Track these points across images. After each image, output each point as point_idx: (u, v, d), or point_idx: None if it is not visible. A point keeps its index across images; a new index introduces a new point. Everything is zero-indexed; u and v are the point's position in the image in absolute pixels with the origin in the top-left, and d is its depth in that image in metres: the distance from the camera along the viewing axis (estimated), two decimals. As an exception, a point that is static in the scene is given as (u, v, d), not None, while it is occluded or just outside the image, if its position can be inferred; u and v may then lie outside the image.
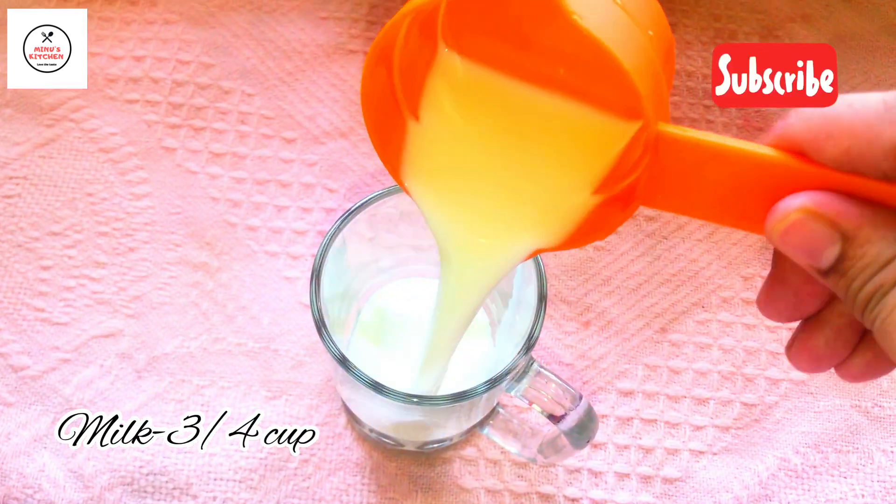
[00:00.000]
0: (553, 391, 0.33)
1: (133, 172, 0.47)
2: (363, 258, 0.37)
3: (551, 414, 0.33)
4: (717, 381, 0.44)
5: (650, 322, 0.45)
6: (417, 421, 0.35)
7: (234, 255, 0.45)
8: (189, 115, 0.48)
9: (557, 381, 0.33)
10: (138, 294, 0.44)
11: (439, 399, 0.30)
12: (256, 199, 0.46)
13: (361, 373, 0.30)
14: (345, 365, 0.30)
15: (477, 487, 0.41)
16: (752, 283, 0.46)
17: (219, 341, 0.43)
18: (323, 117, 0.49)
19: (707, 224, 0.47)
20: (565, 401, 0.33)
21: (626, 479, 0.41)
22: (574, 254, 0.46)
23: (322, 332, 0.31)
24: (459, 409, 0.33)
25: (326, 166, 0.47)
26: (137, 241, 0.45)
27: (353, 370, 0.30)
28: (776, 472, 0.42)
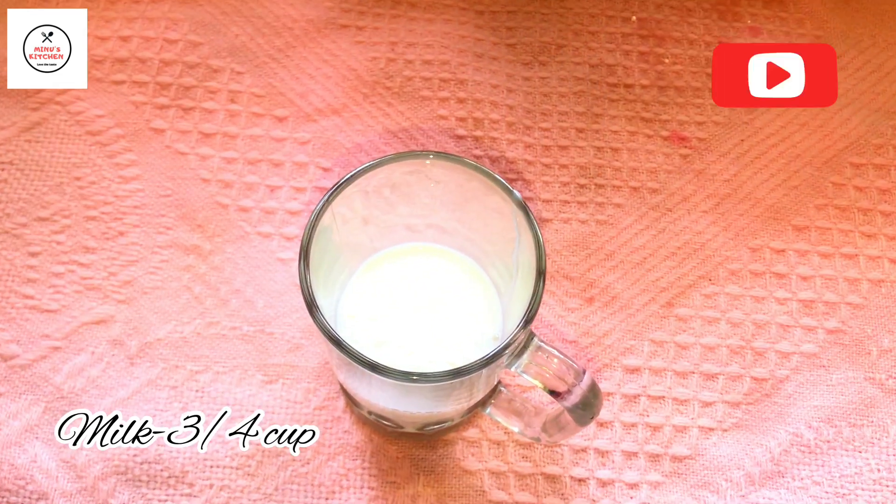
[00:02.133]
0: (555, 366, 0.31)
1: (121, 155, 0.45)
2: (355, 233, 0.36)
3: (554, 390, 0.31)
4: (726, 356, 0.42)
5: (656, 297, 0.44)
6: (417, 400, 0.34)
7: (227, 237, 0.44)
8: (178, 95, 0.47)
9: (560, 355, 0.32)
10: (129, 279, 0.43)
11: (437, 375, 0.29)
12: (248, 180, 0.45)
13: (357, 352, 0.29)
14: (339, 345, 0.29)
15: (480, 469, 0.40)
16: (760, 255, 0.45)
17: (212, 325, 0.42)
18: (315, 94, 0.48)
19: (713, 195, 0.46)
20: (568, 376, 0.31)
21: (633, 458, 0.40)
22: (576, 228, 0.45)
23: (314, 313, 0.29)
24: (460, 388, 0.31)
25: (319, 144, 0.46)
26: (127, 224, 0.44)
27: (347, 350, 0.29)
28: (788, 448, 0.40)
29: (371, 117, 0.47)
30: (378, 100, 0.48)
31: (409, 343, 0.35)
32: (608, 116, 0.48)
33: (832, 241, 0.45)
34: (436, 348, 0.35)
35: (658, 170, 0.46)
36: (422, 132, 0.47)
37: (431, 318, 0.36)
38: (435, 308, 0.36)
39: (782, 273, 0.44)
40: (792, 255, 0.45)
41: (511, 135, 0.47)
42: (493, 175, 0.33)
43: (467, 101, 0.48)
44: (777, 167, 0.47)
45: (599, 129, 0.47)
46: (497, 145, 0.47)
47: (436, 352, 0.35)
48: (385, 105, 0.47)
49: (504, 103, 0.48)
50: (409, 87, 0.48)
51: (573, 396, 0.31)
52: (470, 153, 0.46)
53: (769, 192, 0.46)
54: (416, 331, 0.35)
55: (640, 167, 0.46)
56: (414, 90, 0.48)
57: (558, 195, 0.46)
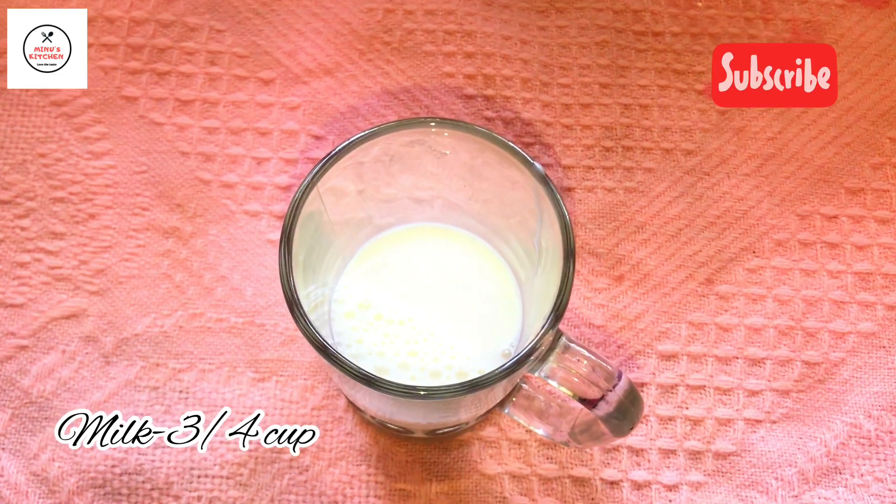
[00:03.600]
0: (585, 369, 0.27)
1: (90, 128, 0.42)
2: (351, 210, 0.32)
3: (584, 398, 0.27)
4: (774, 338, 0.39)
5: (693, 273, 0.40)
6: (423, 412, 0.29)
7: (210, 218, 0.40)
8: (151, 58, 0.43)
9: (590, 356, 0.27)
10: (102, 267, 0.39)
11: (448, 390, 0.25)
12: (232, 152, 0.42)
13: (348, 364, 0.24)
14: (327, 354, 0.24)
15: (500, 473, 0.36)
16: (809, 223, 0.41)
17: (196, 318, 0.39)
18: (304, 53, 0.44)
19: (755, 155, 0.42)
20: (600, 380, 0.27)
21: (672, 457, 0.37)
22: (602, 198, 0.41)
23: (296, 313, 0.25)
24: (473, 398, 0.27)
25: (311, 109, 0.42)
26: (98, 206, 0.40)
27: (338, 360, 0.24)
28: (846, 441, 0.37)
29: (368, 77, 0.43)
30: (376, 57, 0.43)
31: (414, 343, 0.30)
32: (635, 69, 0.44)
33: (891, 204, 0.42)
34: (445, 351, 0.30)
35: (693, 128, 0.43)
36: (426, 93, 0.43)
37: (440, 313, 0.31)
38: (445, 302, 0.31)
39: (835, 242, 0.41)
40: (845, 221, 0.41)
41: (526, 93, 0.43)
42: (508, 144, 0.29)
43: (476, 55, 0.44)
44: (827, 122, 0.43)
45: (626, 83, 0.44)
46: (511, 105, 0.43)
47: (445, 355, 0.30)
48: (384, 63, 0.43)
49: (518, 57, 0.44)
50: (410, 42, 0.44)
51: (608, 404, 0.27)
52: (480, 115, 0.43)
53: (818, 150, 0.42)
54: (423, 329, 0.31)
55: (673, 126, 0.43)
56: (416, 45, 0.44)
57: (581, 160, 0.42)
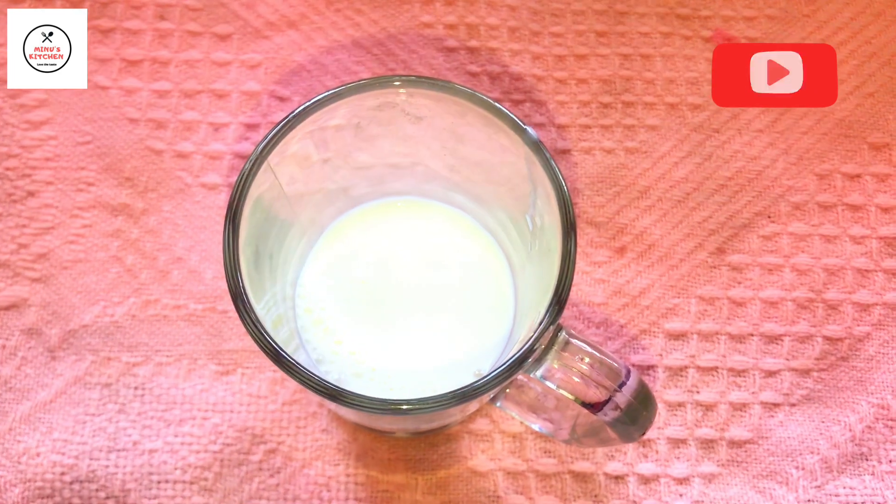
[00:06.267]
0: (587, 368, 0.23)
1: (26, 94, 0.38)
2: (316, 180, 0.28)
3: (588, 401, 0.23)
4: (792, 312, 0.36)
5: (703, 242, 0.37)
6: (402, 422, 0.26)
7: (163, 192, 0.37)
8: (92, 13, 0.40)
9: (594, 352, 0.23)
10: (44, 251, 0.36)
11: (433, 402, 0.21)
12: (186, 117, 0.38)
13: (310, 376, 0.20)
14: (282, 363, 0.20)
15: (493, 469, 0.34)
16: (829, 182, 0.38)
17: (151, 305, 0.35)
18: (264, 3, 0.40)
19: (769, 109, 0.39)
20: (605, 379, 0.23)
21: (682, 446, 0.34)
22: (600, 160, 0.38)
23: (242, 310, 0.21)
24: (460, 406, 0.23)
25: (273, 67, 0.39)
26: (38, 182, 0.37)
27: (293, 369, 0.20)
28: (873, 424, 0.35)
29: (337, 29, 0.40)
30: (345, 6, 0.40)
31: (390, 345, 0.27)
32: (635, 15, 0.41)
33: (920, 160, 0.39)
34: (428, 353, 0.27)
35: (700, 80, 0.40)
36: (402, 45, 0.39)
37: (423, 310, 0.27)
38: (426, 295, 0.28)
39: (858, 204, 0.38)
40: (869, 180, 0.38)
41: (514, 44, 0.40)
42: (495, 106, 0.25)
43: (457, 2, 0.40)
44: (847, 70, 0.40)
45: (625, 31, 0.40)
46: (497, 58, 0.39)
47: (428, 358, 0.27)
48: (353, 13, 0.40)
49: (504, 3, 0.40)
50: (383, -11, 0.40)
51: (614, 408, 0.23)
52: (463, 70, 0.39)
53: (839, 102, 0.39)
54: (401, 325, 0.27)
55: (678, 78, 0.40)
56: (390, -8, 0.40)
57: (577, 118, 0.39)
